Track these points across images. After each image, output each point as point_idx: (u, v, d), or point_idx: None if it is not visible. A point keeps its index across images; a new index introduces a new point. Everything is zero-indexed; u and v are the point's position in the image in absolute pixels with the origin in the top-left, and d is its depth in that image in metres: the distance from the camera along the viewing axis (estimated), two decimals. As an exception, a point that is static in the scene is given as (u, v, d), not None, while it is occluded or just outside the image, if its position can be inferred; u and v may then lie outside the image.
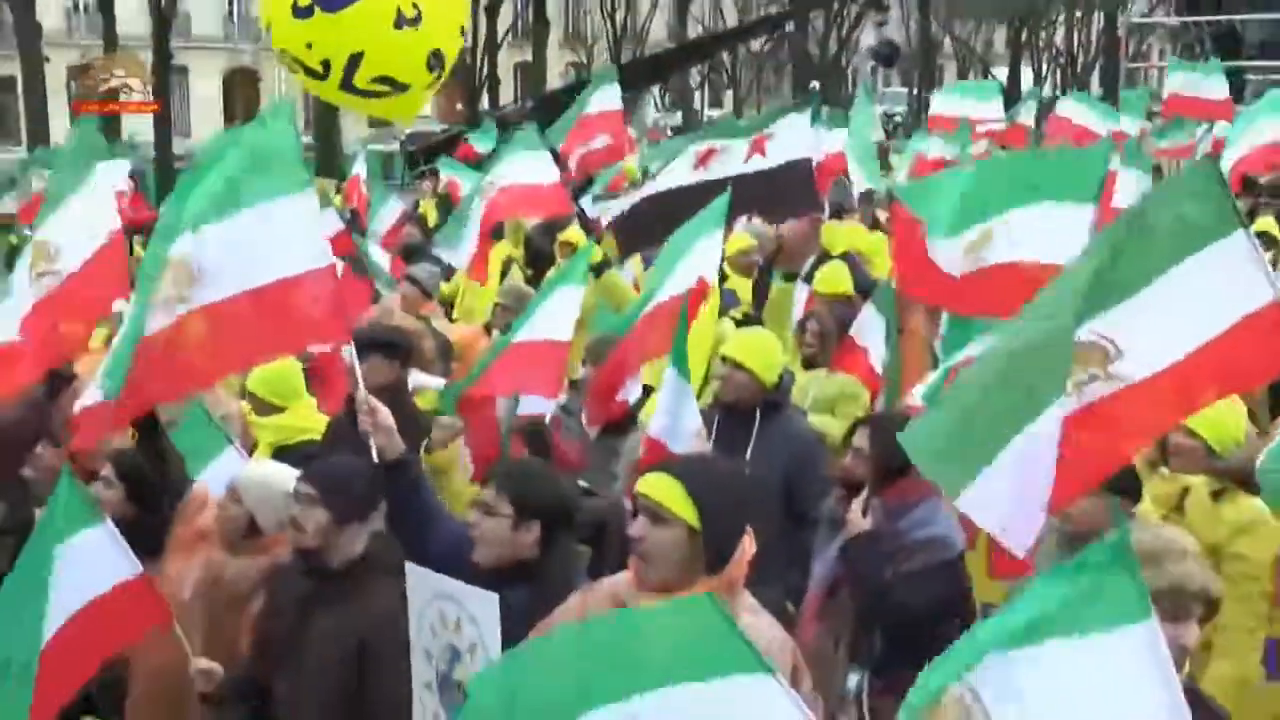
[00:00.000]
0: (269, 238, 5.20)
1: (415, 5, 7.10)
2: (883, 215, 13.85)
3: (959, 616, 4.94)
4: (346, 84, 7.43)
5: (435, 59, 7.36)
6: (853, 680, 5.19)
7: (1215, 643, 5.62)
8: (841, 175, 15.24)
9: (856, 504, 5.38)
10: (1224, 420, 5.84)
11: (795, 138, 9.05)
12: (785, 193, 9.09)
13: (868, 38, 57.70)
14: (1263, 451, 5.97)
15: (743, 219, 10.73)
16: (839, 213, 13.80)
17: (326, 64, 7.39)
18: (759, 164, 8.89)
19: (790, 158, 8.92)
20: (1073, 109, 20.70)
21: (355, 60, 7.36)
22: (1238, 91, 23.86)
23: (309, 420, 6.70)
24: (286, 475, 5.09)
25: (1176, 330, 4.67)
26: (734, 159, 9.01)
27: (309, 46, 7.47)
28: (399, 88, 7.50)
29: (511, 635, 3.79)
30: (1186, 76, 19.91)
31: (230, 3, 52.90)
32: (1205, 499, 5.78)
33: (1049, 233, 6.36)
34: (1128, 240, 4.81)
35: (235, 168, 5.31)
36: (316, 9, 7.24)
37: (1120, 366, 4.63)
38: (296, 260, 5.21)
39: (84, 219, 6.46)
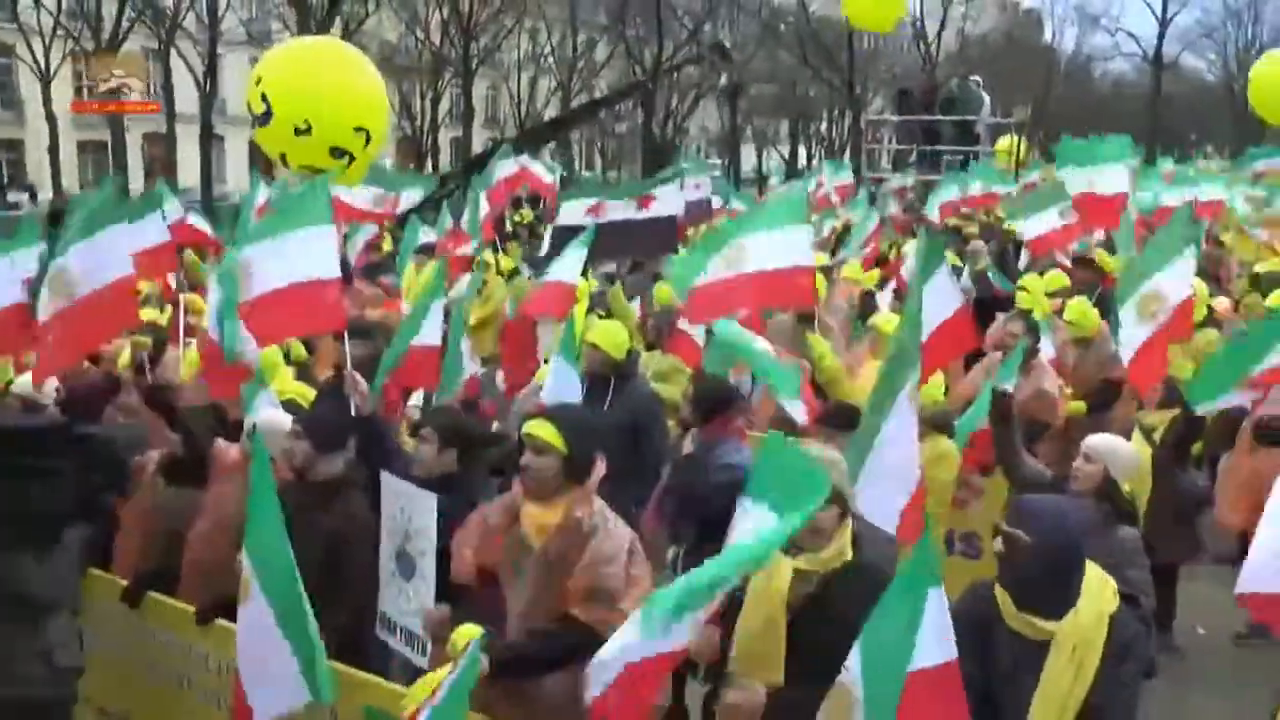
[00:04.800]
0: (300, 253, 5.24)
1: (306, 120, 7.06)
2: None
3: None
4: (290, 167, 7.49)
5: (337, 151, 7.28)
6: (671, 553, 5.23)
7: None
8: None
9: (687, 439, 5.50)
10: (928, 386, 5.94)
11: (668, 199, 9.17)
12: (655, 237, 9.21)
13: (695, 124, 58.05)
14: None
15: None
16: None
17: (283, 155, 7.45)
18: (643, 214, 8.99)
19: (664, 213, 9.01)
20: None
21: (283, 156, 7.40)
22: (936, 167, 24.42)
23: (288, 385, 6.52)
24: (284, 419, 5.07)
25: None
26: (621, 211, 9.09)
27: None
28: (318, 170, 7.42)
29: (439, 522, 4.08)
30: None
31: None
32: (914, 437, 5.89)
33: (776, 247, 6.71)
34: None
35: (282, 207, 5.42)
36: (255, 123, 7.38)
37: None
38: (319, 269, 5.24)
39: (105, 255, 6.10)
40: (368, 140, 7.39)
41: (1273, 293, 8.89)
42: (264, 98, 7.27)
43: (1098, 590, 3.37)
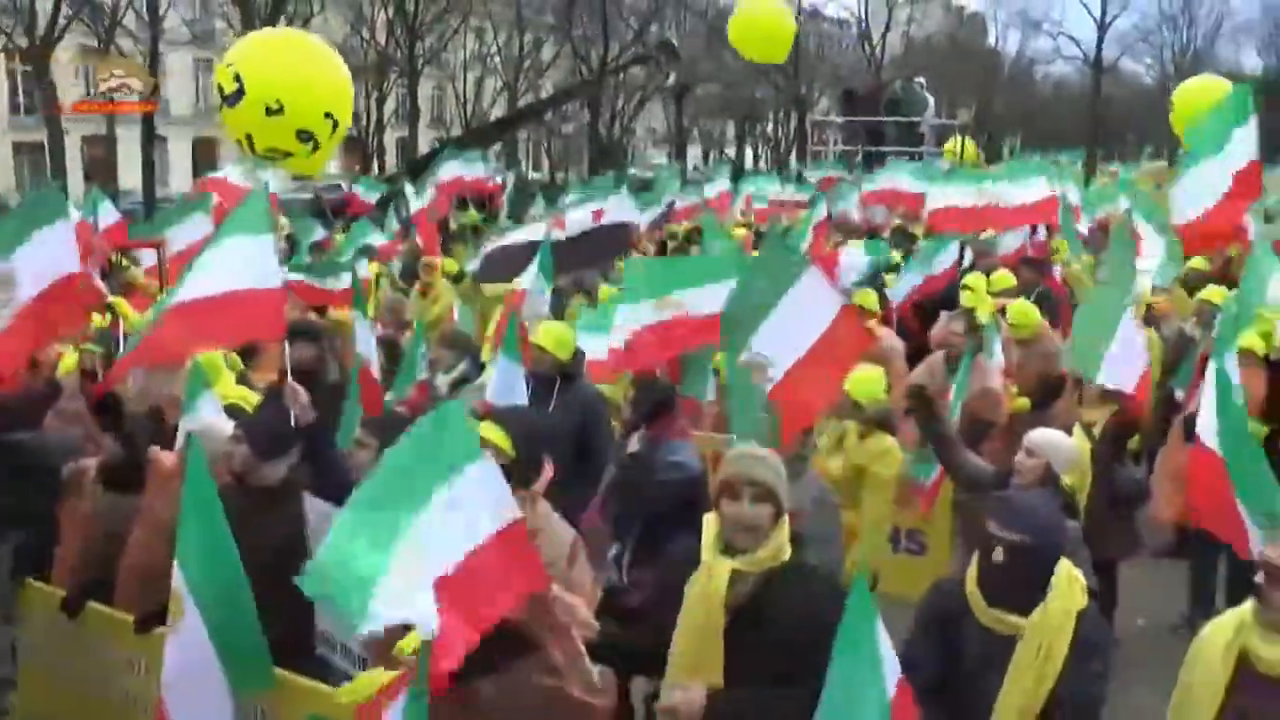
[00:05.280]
0: (240, 260, 5.12)
1: (278, 100, 7.04)
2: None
3: (695, 513, 5.00)
4: (254, 151, 7.40)
5: (304, 135, 7.23)
6: (613, 550, 5.23)
7: (859, 532, 5.80)
8: None
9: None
10: (868, 385, 5.98)
11: (621, 209, 9.20)
12: (609, 243, 9.23)
13: (641, 125, 58.10)
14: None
15: None
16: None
17: (249, 137, 7.37)
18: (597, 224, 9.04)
19: (619, 220, 9.06)
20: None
21: (250, 138, 7.35)
22: (880, 162, 24.66)
23: (230, 390, 6.40)
24: (221, 424, 4.99)
25: (797, 335, 4.82)
26: (580, 223, 9.11)
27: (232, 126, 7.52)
28: (285, 154, 7.38)
29: None
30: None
31: (197, 93, 50.51)
32: (855, 436, 5.94)
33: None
34: (757, 281, 4.96)
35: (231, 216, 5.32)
36: (224, 104, 7.31)
37: (774, 371, 4.77)
38: (257, 278, 5.12)
39: (46, 256, 5.90)
40: (334, 128, 7.34)
41: (1203, 289, 9.08)
42: (237, 77, 7.27)
43: (1067, 587, 3.42)
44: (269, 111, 7.20)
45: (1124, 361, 6.55)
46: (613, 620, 4.81)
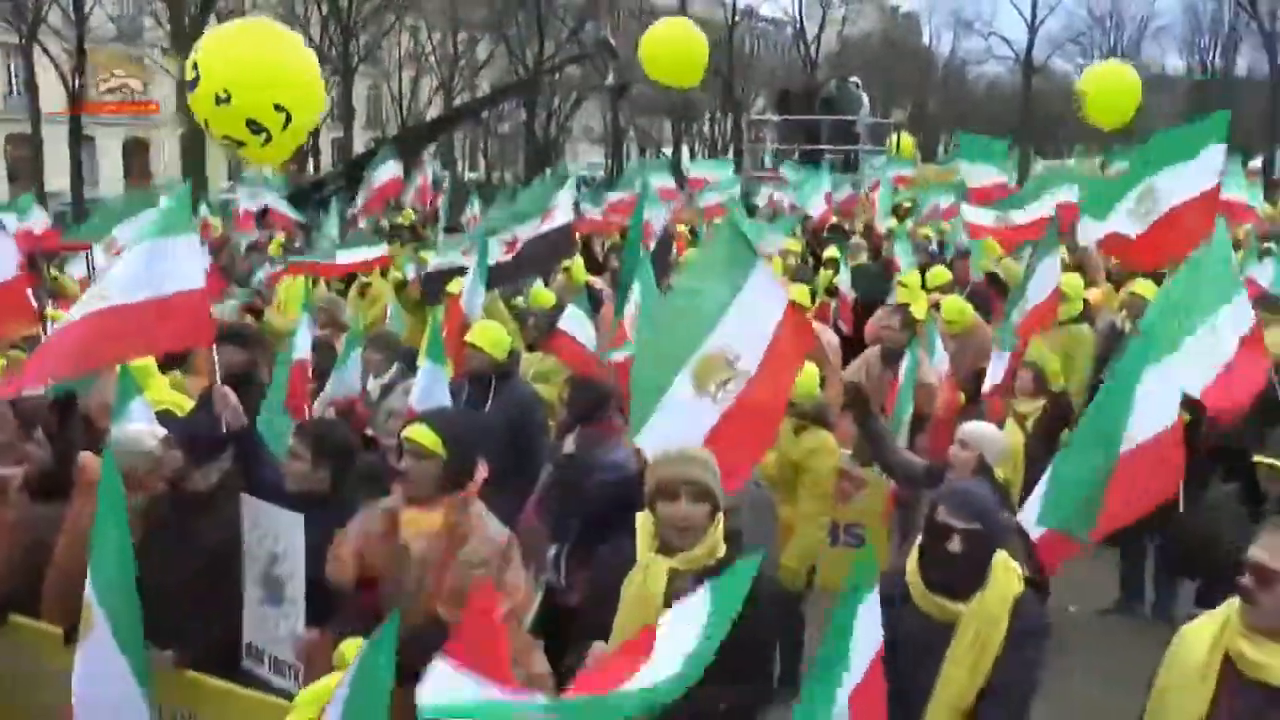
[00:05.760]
0: (163, 262, 5.00)
1: (225, 89, 7.00)
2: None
3: (633, 513, 4.99)
4: (214, 137, 7.38)
5: (254, 125, 7.15)
6: (553, 550, 5.21)
7: (795, 527, 5.82)
8: None
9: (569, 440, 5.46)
10: (803, 381, 5.99)
11: (563, 209, 9.22)
12: (557, 245, 9.23)
13: (578, 124, 58.01)
14: None
15: None
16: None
17: (207, 123, 7.35)
18: (545, 227, 9.01)
19: (562, 222, 9.06)
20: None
21: (206, 123, 7.30)
22: (815, 164, 24.77)
23: (162, 395, 6.29)
24: (143, 431, 4.88)
25: (757, 329, 4.78)
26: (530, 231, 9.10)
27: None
28: (238, 143, 7.31)
29: (311, 542, 3.89)
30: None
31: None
32: (790, 431, 5.95)
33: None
34: (705, 278, 4.91)
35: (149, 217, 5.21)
36: (188, 89, 7.30)
37: (741, 364, 4.70)
38: (182, 279, 5.01)
39: None
40: (288, 121, 7.26)
41: (1133, 282, 9.25)
42: (195, 64, 7.25)
43: (1003, 575, 3.46)
44: (217, 100, 7.17)
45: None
46: (552, 621, 4.86)
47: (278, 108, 7.18)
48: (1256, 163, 32.00)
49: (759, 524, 4.81)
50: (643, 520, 3.53)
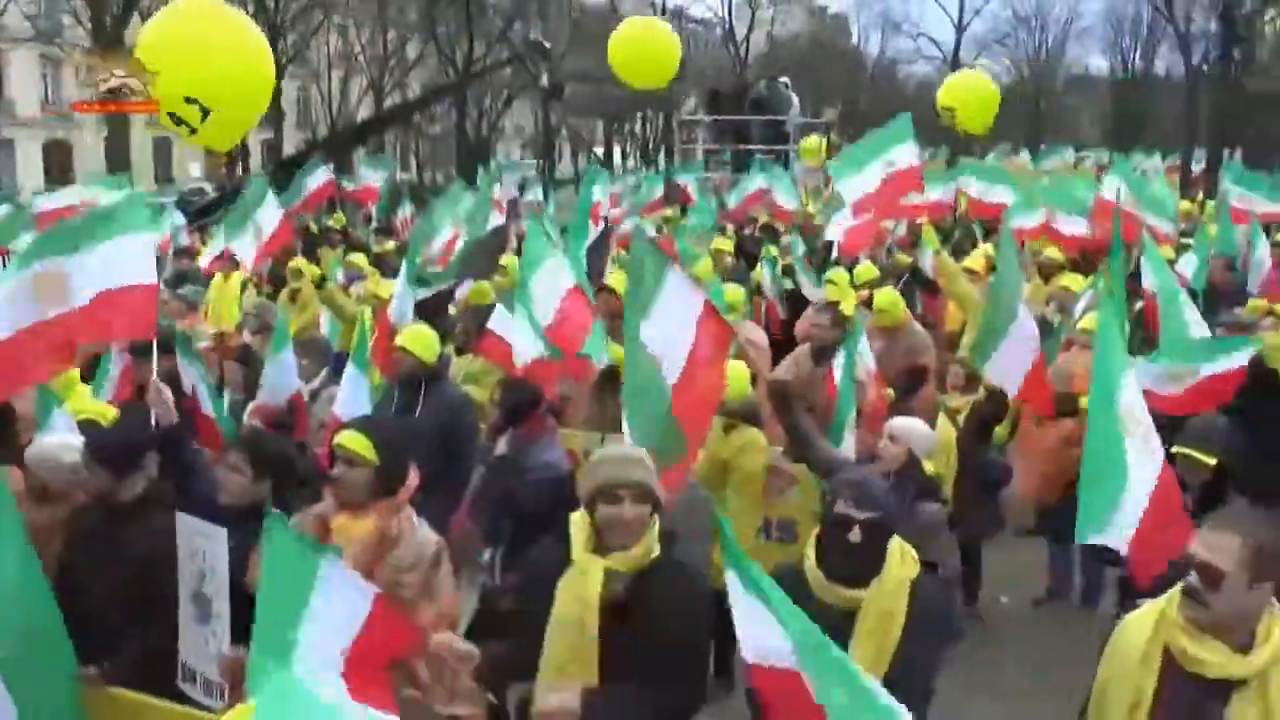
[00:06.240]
0: (119, 259, 4.93)
1: (155, 71, 6.83)
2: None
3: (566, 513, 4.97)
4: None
5: (174, 117, 6.99)
6: (487, 553, 5.16)
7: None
8: None
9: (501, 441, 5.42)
10: (732, 379, 6.00)
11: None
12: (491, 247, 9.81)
13: (510, 124, 57.82)
14: None
15: None
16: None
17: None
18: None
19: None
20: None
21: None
22: (746, 166, 24.88)
23: (83, 405, 6.13)
24: (56, 444, 4.76)
25: (677, 334, 4.80)
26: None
27: None
28: (179, 121, 7.13)
29: (247, 562, 3.77)
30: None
31: (46, 93, 48.39)
32: (719, 430, 5.95)
33: None
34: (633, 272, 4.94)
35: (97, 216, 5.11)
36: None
37: (666, 366, 4.77)
38: (135, 274, 4.95)
39: None
40: (205, 116, 7.11)
41: (1061, 275, 9.43)
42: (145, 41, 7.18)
43: (899, 559, 3.50)
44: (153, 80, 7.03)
45: (1012, 361, 6.71)
46: (490, 623, 4.81)
47: (190, 100, 7.00)
48: (1164, 161, 32.80)
49: (694, 522, 4.80)
50: (577, 520, 3.50)
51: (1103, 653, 3.11)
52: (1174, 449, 4.89)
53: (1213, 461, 4.81)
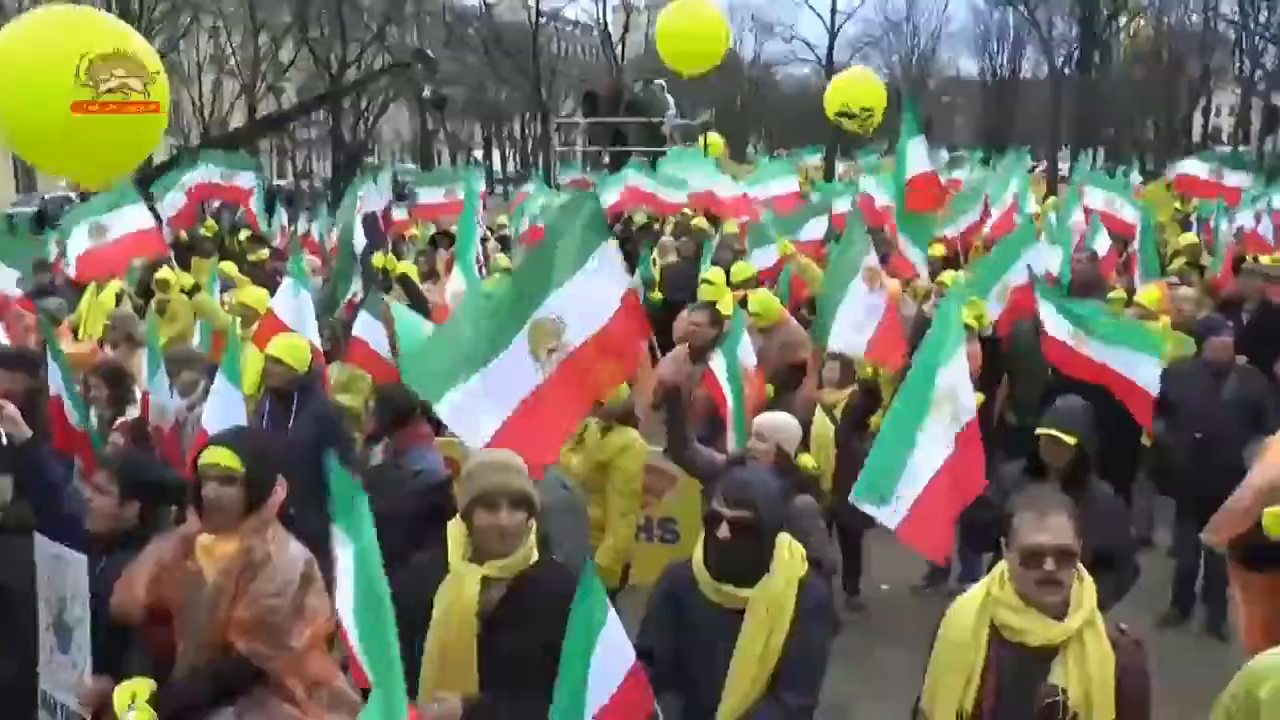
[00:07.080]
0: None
1: None
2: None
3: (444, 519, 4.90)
4: None
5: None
6: None
7: (607, 525, 5.81)
8: None
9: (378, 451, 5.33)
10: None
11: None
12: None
13: (387, 128, 56.98)
14: None
15: None
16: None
17: None
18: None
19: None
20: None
21: None
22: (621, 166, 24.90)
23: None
24: None
25: (590, 308, 4.74)
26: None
27: None
28: None
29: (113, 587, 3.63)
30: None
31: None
32: (597, 431, 5.94)
33: None
34: (550, 251, 4.82)
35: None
36: None
37: (566, 335, 4.67)
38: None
39: None
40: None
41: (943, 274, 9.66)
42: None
43: (787, 557, 3.56)
44: None
45: (852, 326, 7.23)
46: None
47: None
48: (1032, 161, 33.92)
49: (568, 526, 4.78)
50: (453, 528, 3.46)
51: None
52: (1038, 430, 5.08)
53: (1073, 441, 4.97)
